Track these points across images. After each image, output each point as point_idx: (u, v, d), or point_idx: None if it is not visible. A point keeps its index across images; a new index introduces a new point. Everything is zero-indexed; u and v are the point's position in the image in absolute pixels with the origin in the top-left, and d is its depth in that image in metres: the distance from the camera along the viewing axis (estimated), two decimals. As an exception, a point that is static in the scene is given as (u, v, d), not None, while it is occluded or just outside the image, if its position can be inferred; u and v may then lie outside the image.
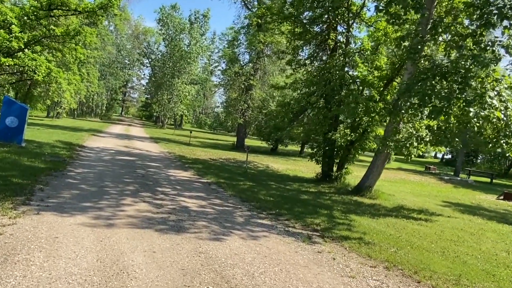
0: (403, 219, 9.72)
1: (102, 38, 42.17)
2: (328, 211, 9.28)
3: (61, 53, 20.19)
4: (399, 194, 15.52)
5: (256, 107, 29.56)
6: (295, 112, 14.69)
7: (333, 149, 15.47)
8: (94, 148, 16.63)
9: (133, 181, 9.87)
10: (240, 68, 29.20)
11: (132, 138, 26.95)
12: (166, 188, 9.57)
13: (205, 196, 9.25)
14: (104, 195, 7.77)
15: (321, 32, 14.90)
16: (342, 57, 14.38)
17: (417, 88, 10.01)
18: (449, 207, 13.78)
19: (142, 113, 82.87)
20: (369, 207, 11.15)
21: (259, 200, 9.49)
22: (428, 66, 10.72)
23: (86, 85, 39.91)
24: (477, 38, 9.70)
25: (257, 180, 13.59)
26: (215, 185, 11.14)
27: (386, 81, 14.54)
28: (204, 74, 65.16)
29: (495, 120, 9.56)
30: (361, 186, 13.54)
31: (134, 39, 63.96)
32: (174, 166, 14.70)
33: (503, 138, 10.13)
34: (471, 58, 9.08)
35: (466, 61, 9.12)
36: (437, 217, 10.94)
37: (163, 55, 55.32)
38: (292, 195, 11.27)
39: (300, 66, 15.10)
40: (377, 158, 13.28)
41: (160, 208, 7.22)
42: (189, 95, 53.44)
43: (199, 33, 51.95)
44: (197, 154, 20.96)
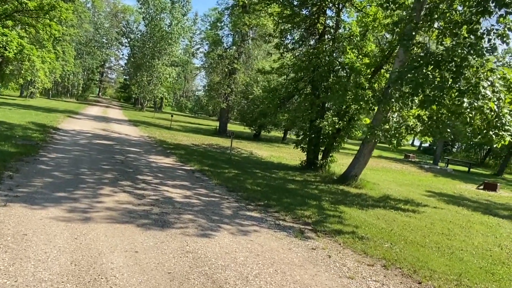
0: (391, 210, 9.53)
1: (78, 15, 40.25)
2: (317, 202, 8.97)
3: (35, 29, 19.04)
4: (383, 183, 15.43)
5: (239, 91, 28.92)
6: (282, 98, 14.24)
7: (319, 136, 15.17)
8: (70, 131, 15.79)
9: (111, 168, 9.27)
10: (223, 51, 28.39)
11: (110, 120, 25.98)
12: (147, 176, 9.03)
13: (190, 185, 8.77)
14: (80, 184, 7.19)
15: (311, 15, 14.36)
16: (331, 42, 13.94)
17: (409, 77, 9.71)
18: (433, 197, 13.75)
19: (120, 95, 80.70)
20: (356, 197, 10.93)
21: (246, 189, 9.08)
22: (421, 54, 10.42)
23: (61, 64, 38.19)
24: (472, 26, 9.42)
25: (242, 168, 13.17)
26: (199, 173, 10.66)
27: (375, 68, 14.23)
28: (185, 56, 63.62)
29: (488, 111, 9.39)
30: (347, 175, 13.32)
31: (113, 17, 61.68)
32: (155, 151, 14.09)
33: (493, 130, 9.99)
34: (468, 46, 8.79)
35: (462, 50, 8.82)
36: (424, 208, 10.83)
37: (142, 35, 53.52)
38: (279, 184, 10.91)
39: (288, 51, 14.58)
40: (364, 147, 13.03)
41: (142, 199, 6.71)
42: (169, 78, 52.09)
43: (181, 13, 50.35)
44: (179, 139, 20.32)
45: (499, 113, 9.74)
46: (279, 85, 15.29)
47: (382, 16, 14.74)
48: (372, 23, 14.98)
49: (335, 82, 12.66)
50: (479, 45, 9.05)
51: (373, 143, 12.75)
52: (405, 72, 9.95)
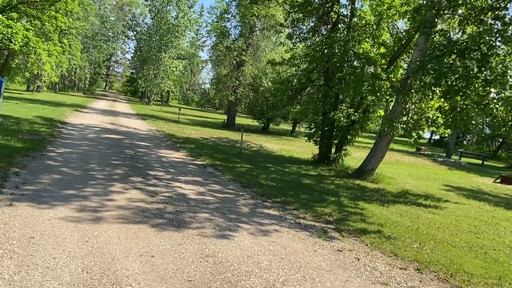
0: (413, 207, 9.11)
1: (84, 8, 39.93)
2: (335, 198, 8.57)
3: (40, 21, 18.67)
4: (399, 177, 14.96)
5: (247, 84, 28.45)
6: (294, 89, 13.78)
7: (332, 129, 14.72)
8: (78, 125, 15.50)
9: (121, 163, 8.94)
10: (231, 42, 27.88)
11: (118, 114, 25.71)
12: (158, 171, 8.68)
13: (203, 180, 8.41)
14: (89, 180, 6.85)
15: (324, 3, 13.83)
16: (346, 31, 13.42)
17: (432, 66, 9.21)
18: (452, 192, 13.28)
19: (127, 89, 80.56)
20: (374, 192, 10.52)
21: (261, 185, 8.70)
22: (443, 42, 9.90)
23: (68, 58, 37.98)
24: (499, 12, 8.88)
25: (254, 162, 12.79)
26: (211, 168, 10.29)
27: (391, 58, 13.71)
28: (192, 49, 63.16)
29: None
30: (362, 169, 12.88)
31: (119, 11, 61.23)
32: (164, 145, 13.75)
33: None
34: (495, 33, 8.27)
35: (490, 37, 8.30)
36: (445, 204, 10.39)
37: (149, 28, 53.18)
38: (294, 179, 10.52)
39: (301, 40, 14.08)
40: (380, 140, 12.57)
41: (155, 197, 6.36)
42: (176, 71, 51.73)
43: (187, 5, 49.86)
44: (188, 132, 19.98)
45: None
46: (290, 76, 14.80)
47: (399, 3, 14.18)
48: (386, 12, 14.43)
49: (351, 73, 12.16)
50: (507, 31, 8.52)
51: (390, 136, 12.29)
52: (427, 61, 9.45)
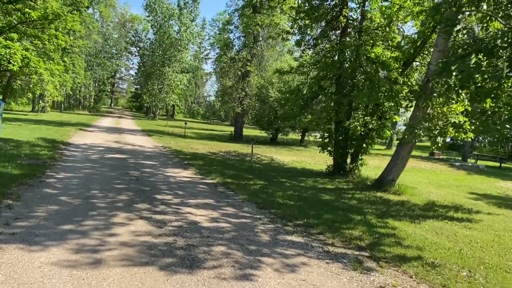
0: (445, 221, 8.29)
1: (87, 26, 39.86)
2: (361, 216, 7.77)
3: (40, 40, 18.22)
4: (420, 185, 14.10)
5: (254, 94, 27.84)
6: (306, 98, 13.07)
7: (347, 138, 13.96)
8: (81, 145, 14.89)
9: (126, 187, 8.24)
10: (236, 53, 27.37)
11: (123, 131, 25.16)
12: (166, 194, 7.96)
13: (215, 203, 7.67)
14: (89, 211, 6.14)
15: (333, 7, 13.19)
16: (357, 35, 12.75)
17: (458, 67, 8.46)
18: (480, 200, 12.41)
19: (132, 104, 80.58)
20: (399, 206, 9.71)
21: (279, 205, 7.94)
22: (467, 41, 9.15)
23: (72, 77, 37.79)
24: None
25: (267, 177, 12.04)
26: (223, 187, 9.56)
27: (405, 61, 13.00)
28: (195, 62, 63.00)
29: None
30: (382, 180, 12.08)
31: (121, 28, 61.40)
32: (171, 163, 13.06)
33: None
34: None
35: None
36: (478, 215, 9.55)
37: (152, 43, 53.04)
38: (312, 195, 9.74)
39: (310, 47, 13.42)
40: (401, 149, 11.77)
41: (163, 227, 5.62)
42: (181, 84, 51.37)
43: (189, 19, 49.69)
44: (195, 147, 19.32)
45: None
46: (300, 85, 14.10)
47: (411, 4, 13.51)
48: (396, 14, 13.77)
49: (366, 78, 11.44)
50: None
51: (412, 144, 11.50)
52: (452, 62, 8.71)
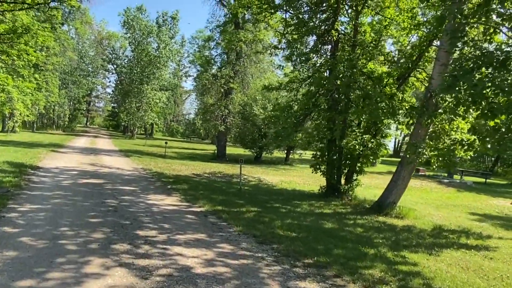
0: (463, 251, 7.50)
1: (61, 43, 38.37)
2: (373, 249, 6.84)
3: (9, 56, 16.89)
4: (418, 206, 13.38)
5: (237, 112, 26.97)
6: (298, 116, 12.25)
7: (341, 158, 13.17)
8: (52, 170, 13.52)
9: (102, 221, 7.06)
10: (218, 70, 26.56)
11: (99, 152, 23.69)
12: (150, 229, 6.83)
13: (207, 238, 6.59)
14: (56, 257, 4.99)
15: (325, 20, 12.55)
16: (351, 49, 12.11)
17: (469, 80, 7.80)
18: (484, 222, 11.75)
19: (109, 123, 78.35)
20: (407, 232, 8.88)
21: (280, 238, 6.94)
22: (475, 53, 8.56)
23: (45, 95, 36.03)
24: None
25: (259, 202, 11.03)
26: (213, 216, 8.48)
27: (399, 76, 12.43)
28: (174, 79, 61.95)
29: None
30: (383, 203, 11.26)
31: (98, 45, 59.82)
32: (153, 188, 11.88)
33: None
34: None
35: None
36: (491, 241, 8.85)
37: (129, 61, 51.84)
38: (313, 223, 8.79)
39: (301, 62, 12.68)
40: (402, 169, 11.01)
41: (148, 278, 4.53)
42: (160, 102, 50.12)
43: (168, 36, 48.92)
44: (177, 169, 18.13)
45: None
46: (291, 102, 13.30)
47: (403, 18, 13.04)
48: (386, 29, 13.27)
49: (363, 95, 10.72)
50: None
51: (413, 164, 10.78)
52: (461, 76, 8.06)
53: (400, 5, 12.76)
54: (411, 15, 12.86)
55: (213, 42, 29.47)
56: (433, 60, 12.68)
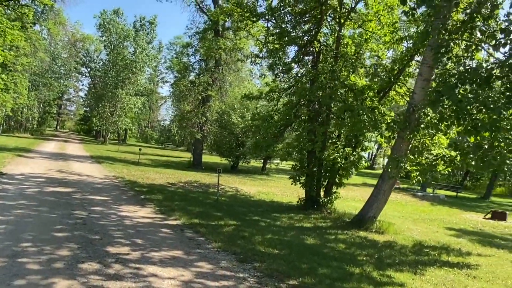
0: (446, 269, 7.37)
1: (33, 43, 36.90)
2: (358, 268, 6.59)
3: (-27, 54, 15.95)
4: (395, 220, 13.31)
5: (214, 120, 26.55)
6: (279, 126, 12.00)
7: (320, 170, 13.00)
8: (16, 176, 12.68)
9: (69, 236, 6.50)
10: (196, 77, 26.12)
11: (69, 158, 22.67)
12: (122, 245, 6.32)
13: (185, 256, 6.15)
14: (15, 278, 4.44)
15: (307, 31, 12.43)
16: (333, 60, 12.01)
17: (454, 96, 7.77)
18: (460, 237, 11.77)
19: (81, 127, 76.08)
20: (389, 249, 8.71)
21: (261, 255, 6.57)
22: (459, 69, 8.57)
23: (13, 96, 34.47)
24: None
25: (237, 214, 10.63)
26: (190, 231, 8.02)
27: (379, 89, 12.42)
28: (150, 85, 60.90)
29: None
30: (363, 217, 11.09)
31: (71, 47, 58.07)
32: (126, 198, 11.29)
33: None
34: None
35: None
36: (471, 258, 8.78)
37: (104, 64, 50.45)
38: (294, 238, 8.47)
39: (284, 72, 12.48)
40: (383, 183, 10.89)
41: (120, 305, 4.07)
42: (134, 108, 48.96)
43: (146, 41, 48.02)
44: (151, 177, 17.49)
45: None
46: (272, 112, 13.05)
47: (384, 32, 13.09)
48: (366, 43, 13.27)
49: (345, 107, 10.59)
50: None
51: (395, 179, 10.69)
52: (445, 91, 8.02)
53: (382, 19, 12.83)
54: (392, 30, 12.95)
55: (192, 48, 29.05)
56: (413, 75, 12.82)
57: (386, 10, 12.81)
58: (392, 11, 13.10)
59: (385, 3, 12.72)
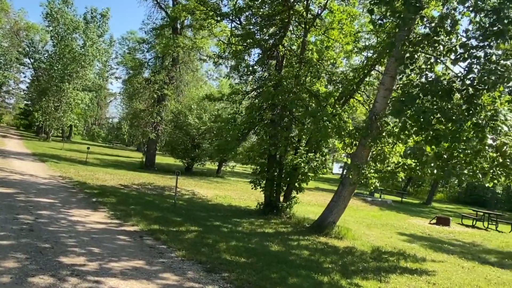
0: (406, 276, 7.52)
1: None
2: (327, 276, 6.51)
3: None
4: (351, 225, 13.55)
5: (170, 120, 25.77)
6: (243, 129, 11.77)
7: (281, 175, 12.94)
8: None
9: (14, 244, 5.81)
10: (152, 75, 25.19)
11: (8, 155, 20.85)
12: (76, 255, 5.75)
13: (147, 266, 5.71)
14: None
15: (273, 34, 12.34)
16: (298, 65, 12.02)
17: (418, 107, 8.00)
18: (413, 243, 12.20)
19: (20, 122, 70.85)
20: (350, 255, 8.79)
21: (229, 264, 6.28)
22: (421, 80, 8.86)
23: None
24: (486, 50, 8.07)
25: (197, 220, 10.24)
26: (150, 237, 7.54)
27: (338, 97, 12.62)
28: (99, 80, 58.16)
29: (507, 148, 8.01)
30: (323, 222, 11.17)
31: (13, 36, 53.95)
32: (76, 201, 10.47)
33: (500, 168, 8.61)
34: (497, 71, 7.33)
35: (489, 75, 7.33)
36: (427, 264, 9.07)
37: (50, 56, 47.31)
38: (258, 245, 8.25)
39: (248, 74, 12.27)
40: (343, 189, 11.04)
41: (81, 326, 3.61)
42: (81, 103, 46.43)
43: (97, 34, 45.75)
44: (102, 178, 16.50)
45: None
46: (234, 114, 12.80)
47: (346, 40, 13.34)
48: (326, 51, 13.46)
49: (310, 112, 10.59)
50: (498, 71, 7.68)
51: (356, 185, 10.86)
52: (408, 101, 8.23)
53: (345, 28, 13.06)
54: (354, 39, 13.23)
55: (148, 45, 28.03)
56: (373, 84, 13.17)
57: (349, 19, 13.09)
58: (353, 20, 13.42)
59: (348, 12, 12.99)
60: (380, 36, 12.21)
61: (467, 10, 8.57)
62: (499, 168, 8.59)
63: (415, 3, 8.28)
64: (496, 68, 7.52)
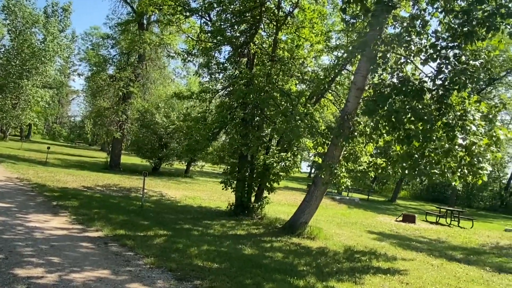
0: (380, 276, 7.49)
1: None
2: (302, 280, 6.34)
3: None
4: (321, 224, 13.58)
5: (136, 119, 24.95)
6: (214, 128, 11.44)
7: (252, 175, 12.73)
8: None
9: (-39, 256, 5.25)
10: (117, 71, 24.28)
11: (-41, 155, 19.47)
12: (33, 266, 5.26)
13: (113, 277, 5.31)
14: None
15: (244, 32, 12.09)
16: (269, 63, 11.83)
17: (390, 107, 8.01)
18: (383, 241, 12.34)
19: (-27, 120, 66.80)
20: (323, 256, 8.70)
21: (201, 271, 5.98)
22: (392, 80, 8.89)
23: None
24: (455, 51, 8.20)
25: (166, 223, 9.84)
26: (116, 244, 7.09)
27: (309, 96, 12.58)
28: (61, 77, 55.72)
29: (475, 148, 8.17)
30: (295, 223, 11.03)
31: (-35, 28, 50.69)
32: (34, 205, 9.79)
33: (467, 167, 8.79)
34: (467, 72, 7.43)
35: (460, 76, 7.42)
36: (398, 263, 9.11)
37: (7, 51, 44.72)
38: (230, 249, 7.99)
39: (219, 72, 11.96)
40: (315, 189, 10.94)
41: None
42: (41, 101, 44.21)
43: (58, 28, 43.70)
44: (63, 179, 15.66)
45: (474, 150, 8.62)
46: (204, 113, 12.45)
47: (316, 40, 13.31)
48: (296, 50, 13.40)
49: (282, 111, 10.43)
50: (476, 71, 7.84)
51: (328, 185, 10.80)
52: (381, 101, 8.23)
53: (316, 27, 13.01)
54: (325, 38, 13.22)
55: (112, 40, 27.07)
56: (344, 83, 13.21)
57: (319, 18, 13.05)
58: (324, 20, 13.41)
59: (319, 11, 12.96)
60: (350, 36, 12.24)
61: (436, 11, 8.70)
62: (467, 167, 8.78)
63: (387, 2, 8.29)
64: (467, 68, 7.64)
